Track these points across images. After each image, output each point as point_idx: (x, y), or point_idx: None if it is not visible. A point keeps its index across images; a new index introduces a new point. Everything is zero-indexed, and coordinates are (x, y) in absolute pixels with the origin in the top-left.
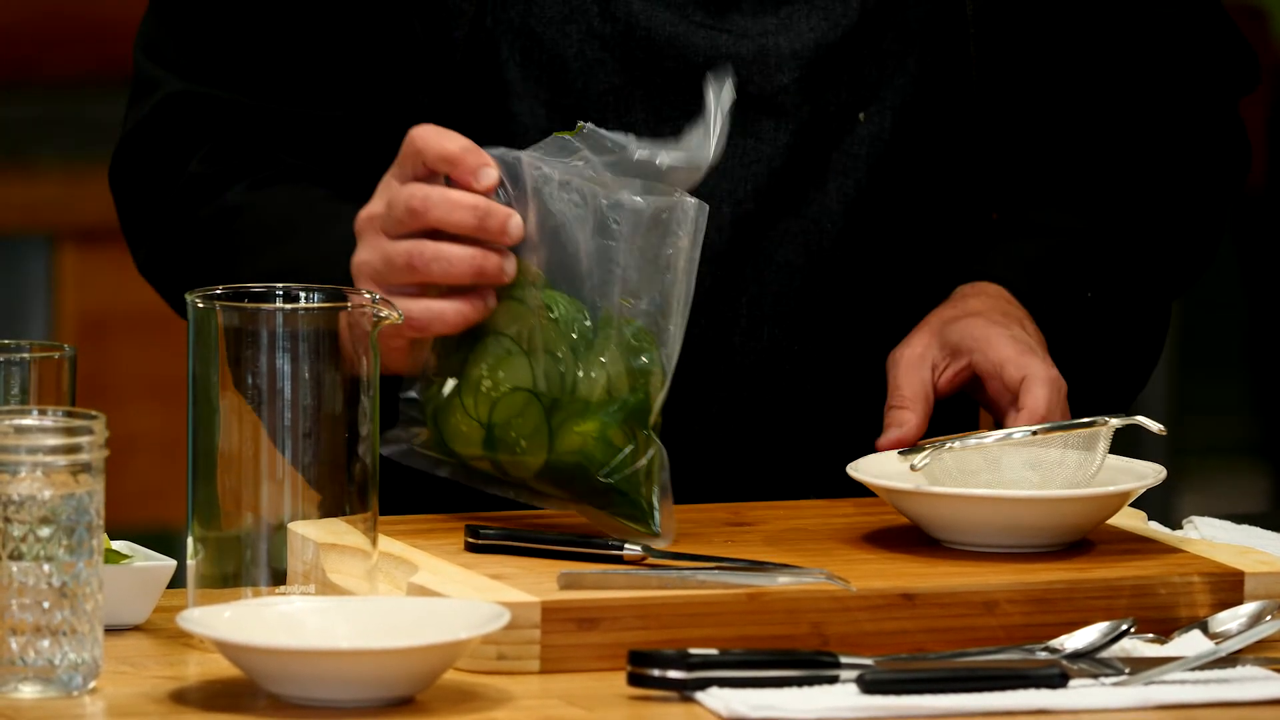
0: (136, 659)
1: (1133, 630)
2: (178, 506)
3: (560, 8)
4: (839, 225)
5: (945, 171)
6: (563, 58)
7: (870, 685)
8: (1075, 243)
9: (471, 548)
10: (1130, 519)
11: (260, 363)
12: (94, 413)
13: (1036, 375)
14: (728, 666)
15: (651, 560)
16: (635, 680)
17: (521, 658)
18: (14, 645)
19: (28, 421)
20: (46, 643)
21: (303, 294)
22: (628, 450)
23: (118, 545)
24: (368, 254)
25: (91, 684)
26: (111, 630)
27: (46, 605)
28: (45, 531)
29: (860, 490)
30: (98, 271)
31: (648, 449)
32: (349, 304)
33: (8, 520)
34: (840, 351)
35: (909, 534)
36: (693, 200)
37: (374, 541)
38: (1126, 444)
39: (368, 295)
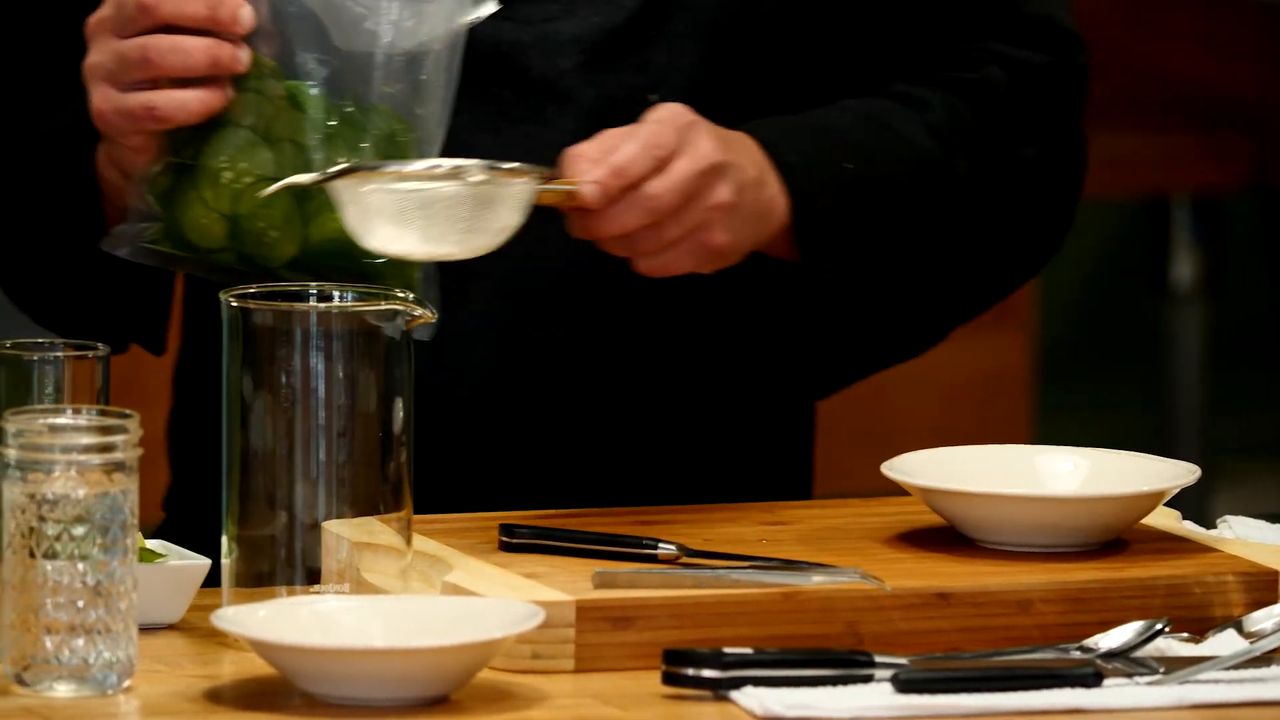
0: (171, 658)
1: (1167, 630)
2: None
3: None
4: None
5: None
6: None
7: (905, 684)
8: (842, 127)
9: (506, 547)
10: (1164, 518)
11: (294, 362)
12: (127, 411)
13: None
14: (762, 665)
15: (686, 559)
16: (670, 679)
17: (556, 657)
18: (49, 644)
19: (61, 421)
20: (81, 641)
21: (336, 293)
22: None
23: (152, 544)
24: (99, 56)
25: (126, 683)
26: (146, 629)
27: (81, 604)
28: (80, 530)
29: (894, 489)
30: None
31: None
32: (383, 303)
33: (42, 519)
34: (622, 341)
35: (943, 533)
36: None
37: (408, 540)
38: (1160, 444)
39: (401, 294)
